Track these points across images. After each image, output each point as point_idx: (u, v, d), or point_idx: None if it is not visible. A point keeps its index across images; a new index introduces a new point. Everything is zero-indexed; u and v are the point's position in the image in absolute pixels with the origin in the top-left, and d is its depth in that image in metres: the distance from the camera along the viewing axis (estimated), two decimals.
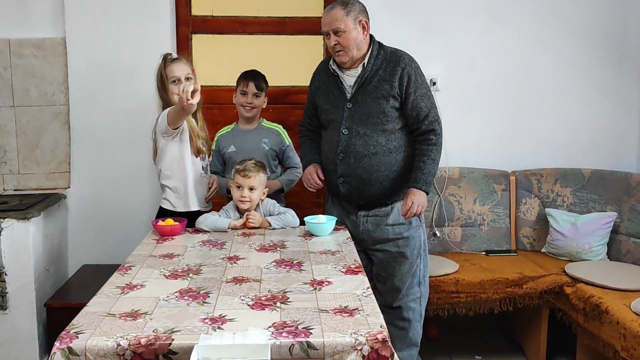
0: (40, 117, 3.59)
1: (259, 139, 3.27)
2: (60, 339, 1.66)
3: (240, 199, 2.86)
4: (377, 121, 2.80)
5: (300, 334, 1.69)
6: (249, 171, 2.85)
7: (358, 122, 2.82)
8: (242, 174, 2.85)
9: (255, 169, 2.86)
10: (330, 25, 2.78)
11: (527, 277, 3.27)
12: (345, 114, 2.85)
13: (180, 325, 1.75)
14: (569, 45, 3.85)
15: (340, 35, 2.76)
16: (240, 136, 3.30)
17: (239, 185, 2.86)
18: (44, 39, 3.54)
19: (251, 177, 2.84)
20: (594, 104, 3.91)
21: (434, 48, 3.75)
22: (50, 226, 3.38)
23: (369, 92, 2.81)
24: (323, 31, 2.83)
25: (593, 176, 3.71)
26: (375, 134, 2.81)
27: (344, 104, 2.86)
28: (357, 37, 2.78)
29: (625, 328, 2.71)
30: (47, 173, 3.64)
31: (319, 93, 2.98)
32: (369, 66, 2.82)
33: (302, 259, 2.39)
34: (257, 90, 3.25)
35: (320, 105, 2.96)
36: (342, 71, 2.88)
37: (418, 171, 2.79)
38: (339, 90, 2.89)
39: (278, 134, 3.34)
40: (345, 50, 2.79)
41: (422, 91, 2.81)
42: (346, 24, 2.75)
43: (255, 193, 2.87)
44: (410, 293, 2.94)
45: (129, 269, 2.27)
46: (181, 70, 2.92)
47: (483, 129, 3.87)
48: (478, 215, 3.71)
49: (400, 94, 2.79)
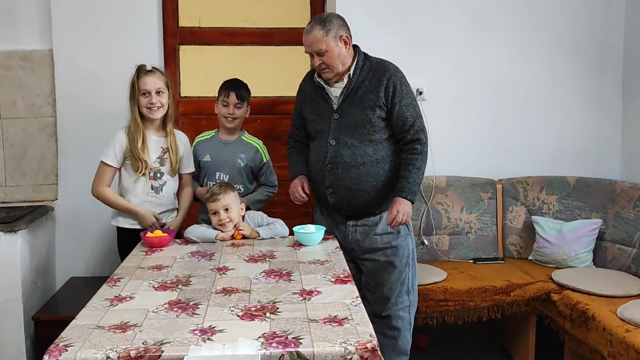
0: (28, 129, 3.58)
1: (236, 154, 3.21)
2: (50, 352, 1.65)
3: (219, 223, 2.85)
4: (364, 131, 2.82)
5: (290, 344, 1.70)
6: (216, 194, 2.83)
7: (345, 132, 2.84)
8: (210, 200, 2.84)
9: (220, 191, 2.85)
10: (312, 47, 2.78)
11: (515, 284, 3.29)
12: (332, 124, 2.86)
13: (169, 336, 1.75)
14: (552, 54, 3.90)
15: (324, 54, 2.77)
16: (217, 146, 3.23)
17: (214, 212, 2.85)
18: (31, 51, 3.54)
19: (219, 199, 2.83)
20: (577, 112, 3.96)
21: (419, 58, 3.78)
22: (38, 239, 3.36)
23: (355, 103, 2.83)
24: (306, 52, 2.84)
25: (578, 184, 3.75)
26: (363, 144, 2.82)
27: (331, 115, 2.87)
28: (340, 53, 2.79)
29: (611, 334, 2.74)
30: (34, 185, 3.63)
31: (305, 104, 2.99)
32: (355, 76, 2.83)
33: (292, 269, 2.40)
34: (238, 101, 3.18)
35: (307, 116, 2.97)
36: (327, 84, 2.90)
37: (403, 180, 2.80)
38: (325, 101, 2.90)
39: (256, 150, 3.27)
40: (331, 67, 2.80)
41: (407, 101, 2.82)
42: (327, 44, 2.75)
43: (233, 211, 2.85)
44: (399, 302, 2.95)
45: (118, 280, 2.27)
46: (153, 83, 2.92)
47: (469, 137, 3.90)
48: (465, 224, 3.74)
49: (386, 103, 2.81)
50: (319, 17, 2.82)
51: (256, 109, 3.72)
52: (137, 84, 2.92)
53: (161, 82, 2.96)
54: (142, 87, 2.91)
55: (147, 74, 2.94)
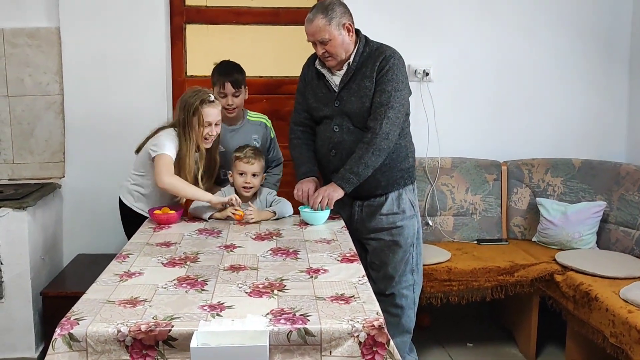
0: (35, 107, 3.59)
1: (249, 137, 3.14)
2: (61, 326, 1.68)
3: (244, 185, 2.89)
4: (361, 119, 2.81)
5: (298, 320, 1.72)
6: (251, 158, 2.89)
7: (347, 119, 2.84)
8: (244, 161, 2.88)
9: (255, 156, 2.91)
10: (314, 36, 2.76)
11: (519, 265, 3.31)
12: (334, 112, 2.86)
13: (179, 312, 1.78)
14: (558, 36, 3.88)
15: (327, 43, 2.75)
16: (227, 135, 3.12)
17: (242, 172, 2.89)
18: (38, 29, 3.54)
19: (254, 163, 2.89)
20: (583, 94, 3.95)
21: (425, 39, 3.76)
22: (46, 216, 3.39)
23: (354, 91, 2.81)
24: (309, 40, 2.81)
25: (583, 166, 3.75)
26: (364, 130, 2.81)
27: (333, 102, 2.86)
28: (344, 41, 2.77)
29: (614, 315, 2.76)
30: (41, 163, 3.65)
31: (308, 89, 2.98)
32: (354, 64, 2.81)
33: (298, 248, 2.42)
34: (235, 89, 3.07)
35: (311, 103, 2.96)
36: (329, 71, 2.88)
37: (343, 166, 2.78)
38: (326, 88, 2.89)
39: (265, 126, 3.24)
40: (334, 56, 2.79)
41: (384, 87, 2.75)
42: (330, 33, 2.73)
43: (257, 179, 2.92)
44: (403, 280, 2.97)
45: (127, 257, 2.29)
46: (216, 116, 2.90)
47: (475, 119, 3.90)
48: (470, 205, 3.75)
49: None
50: (321, 5, 2.77)
51: (262, 89, 3.72)
52: (201, 114, 2.85)
53: (220, 113, 2.94)
54: (205, 118, 2.85)
55: (210, 104, 2.88)
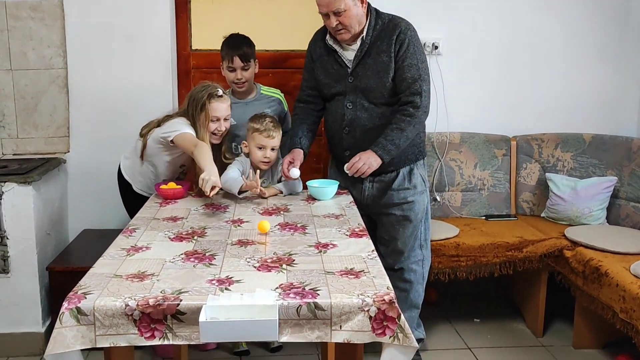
0: (38, 81, 3.55)
1: (262, 110, 3.07)
2: (69, 300, 1.67)
3: (263, 159, 2.80)
4: (379, 95, 2.76)
5: (308, 295, 1.70)
6: (271, 131, 2.79)
7: (361, 96, 2.78)
8: (265, 135, 2.78)
9: (275, 129, 2.81)
10: (329, 6, 2.66)
11: (527, 240, 3.28)
12: (347, 88, 2.80)
13: (187, 286, 1.76)
14: (570, 9, 3.81)
15: (341, 14, 2.67)
16: (239, 108, 3.07)
17: (261, 146, 2.80)
18: (40, 1, 3.47)
19: (274, 137, 2.80)
20: (594, 68, 3.88)
21: (435, 12, 3.69)
22: (51, 190, 3.37)
23: (369, 66, 2.75)
24: (321, 12, 2.72)
25: (594, 141, 3.71)
26: (379, 107, 2.77)
27: (346, 79, 2.80)
28: (358, 12, 2.70)
29: (624, 290, 2.74)
30: (46, 137, 3.61)
31: (317, 66, 2.92)
32: (368, 38, 2.75)
33: (306, 222, 2.40)
34: (244, 63, 3.03)
35: (321, 80, 2.90)
36: (340, 46, 2.82)
37: (382, 137, 2.71)
38: (338, 64, 2.83)
39: (279, 102, 3.21)
40: (347, 28, 2.71)
41: (410, 61, 2.71)
42: (346, 3, 2.64)
43: (275, 152, 2.84)
44: (412, 255, 2.95)
45: (133, 231, 2.27)
46: (224, 111, 2.85)
47: (484, 93, 3.84)
48: (478, 180, 3.71)
49: (395, 64, 2.74)
50: None
51: (268, 63, 3.66)
52: (208, 107, 2.80)
53: (229, 108, 2.89)
54: (213, 113, 2.81)
55: (218, 99, 2.83)
